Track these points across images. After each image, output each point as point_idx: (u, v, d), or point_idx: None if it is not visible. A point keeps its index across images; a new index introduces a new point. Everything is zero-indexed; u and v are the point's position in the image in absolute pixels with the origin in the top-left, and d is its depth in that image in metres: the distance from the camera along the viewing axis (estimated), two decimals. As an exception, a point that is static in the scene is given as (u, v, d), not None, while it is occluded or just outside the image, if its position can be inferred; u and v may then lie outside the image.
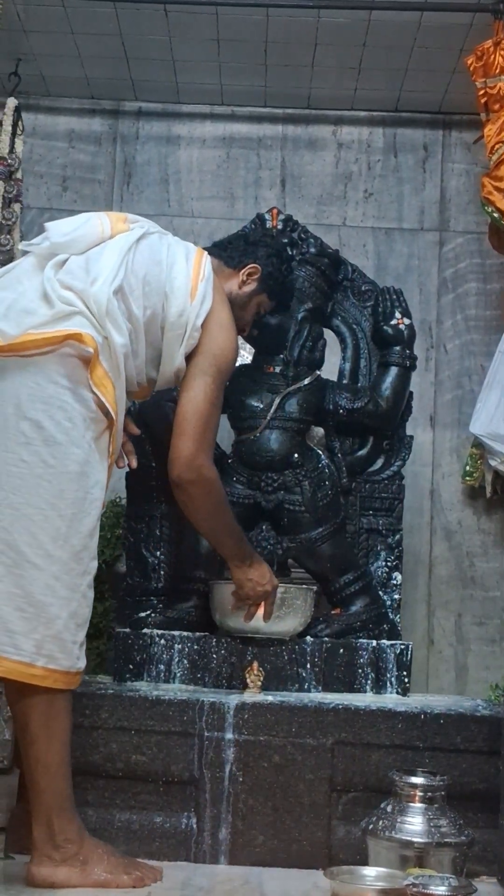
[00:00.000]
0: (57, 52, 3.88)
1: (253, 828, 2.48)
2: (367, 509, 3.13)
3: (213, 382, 2.42)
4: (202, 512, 2.48)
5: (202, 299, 2.41)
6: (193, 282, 2.41)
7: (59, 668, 2.15)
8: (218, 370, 2.44)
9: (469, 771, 2.50)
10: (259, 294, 2.67)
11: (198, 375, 2.42)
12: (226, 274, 2.60)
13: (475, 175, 4.03)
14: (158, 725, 2.52)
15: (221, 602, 2.86)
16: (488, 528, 4.00)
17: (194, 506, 2.46)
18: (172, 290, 2.39)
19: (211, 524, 2.53)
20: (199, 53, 3.85)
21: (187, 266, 2.44)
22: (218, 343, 2.43)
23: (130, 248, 2.38)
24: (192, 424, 2.39)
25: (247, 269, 2.62)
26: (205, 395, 2.41)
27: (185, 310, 2.39)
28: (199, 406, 2.40)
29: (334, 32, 3.68)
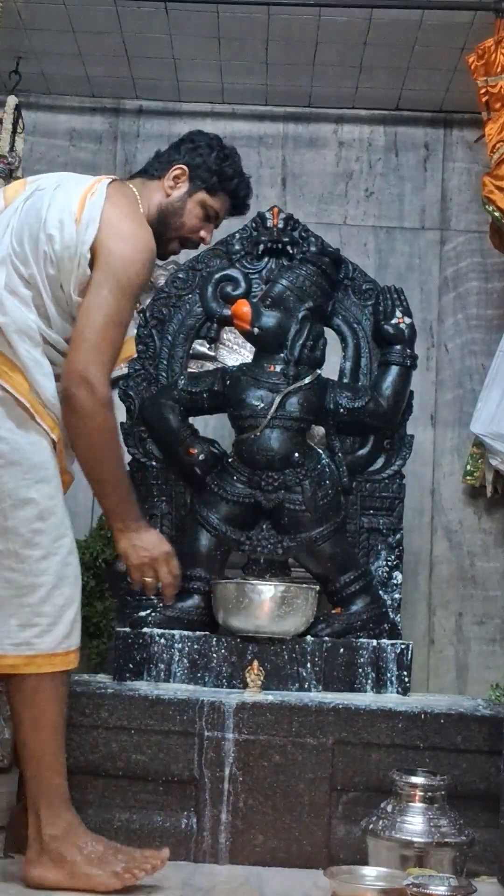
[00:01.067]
0: (58, 50, 3.87)
1: (253, 827, 2.47)
2: (367, 508, 3.13)
3: (109, 294, 2.15)
4: (85, 437, 2.16)
5: (87, 222, 2.18)
6: (79, 208, 2.20)
7: (42, 653, 2.08)
8: (116, 281, 2.16)
9: (469, 771, 2.50)
10: (195, 193, 2.38)
11: (92, 289, 2.16)
12: (151, 188, 2.37)
13: (476, 174, 4.03)
14: (158, 725, 2.52)
15: (223, 601, 2.86)
16: (489, 527, 4.00)
17: (78, 424, 2.15)
18: (54, 228, 2.18)
19: (93, 455, 2.19)
20: (199, 51, 3.84)
21: (70, 197, 2.23)
22: (115, 254, 2.17)
23: (16, 210, 2.23)
24: (84, 337, 2.13)
25: (171, 172, 2.37)
26: (98, 307, 2.14)
27: (71, 239, 2.18)
28: (94, 316, 2.14)
29: (335, 31, 3.67)
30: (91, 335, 2.14)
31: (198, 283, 3.23)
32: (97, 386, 2.13)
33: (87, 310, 2.16)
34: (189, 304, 3.25)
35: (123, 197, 2.28)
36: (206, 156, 2.41)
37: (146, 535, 2.28)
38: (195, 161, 2.40)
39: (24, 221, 2.21)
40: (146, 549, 2.27)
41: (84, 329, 2.15)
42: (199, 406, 3.16)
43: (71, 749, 2.49)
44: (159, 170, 2.40)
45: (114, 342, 2.17)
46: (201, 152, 2.41)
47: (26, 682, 2.11)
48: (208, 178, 2.40)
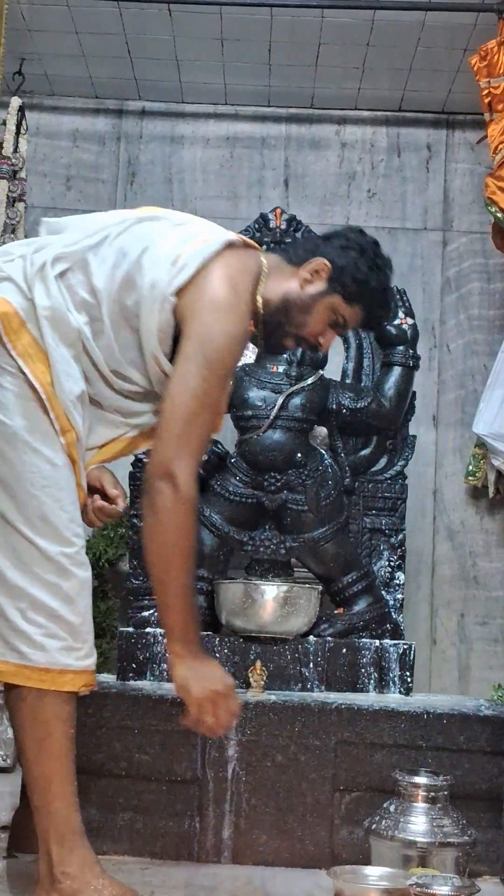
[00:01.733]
0: (61, 51, 3.88)
1: (256, 827, 2.48)
2: (370, 509, 3.13)
3: (198, 372, 1.92)
4: (160, 534, 1.92)
5: (182, 266, 1.95)
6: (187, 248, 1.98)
7: (30, 665, 1.87)
8: (205, 358, 1.93)
9: (472, 771, 2.51)
10: (329, 295, 2.06)
11: (180, 363, 1.94)
12: (285, 272, 2.08)
13: (479, 175, 4.03)
14: (161, 724, 2.52)
15: (226, 601, 2.87)
16: (491, 527, 4.00)
17: (155, 521, 1.92)
18: (150, 260, 1.98)
19: (166, 557, 1.93)
20: (202, 53, 3.85)
21: (184, 238, 2.01)
22: (207, 326, 1.94)
23: (123, 222, 2.05)
24: (169, 426, 1.92)
25: (312, 265, 2.06)
26: (185, 387, 1.92)
27: (161, 278, 1.96)
28: (179, 401, 1.92)
29: (338, 32, 3.68)
30: (177, 424, 1.92)
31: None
32: (182, 483, 1.90)
33: (173, 392, 1.94)
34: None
35: (240, 262, 2.02)
36: (355, 259, 2.09)
37: (210, 667, 1.98)
38: (342, 262, 2.08)
39: (128, 239, 2.02)
40: (210, 682, 1.94)
41: (170, 416, 1.93)
42: (202, 407, 3.16)
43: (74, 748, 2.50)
44: (299, 256, 2.11)
45: (202, 431, 1.95)
46: (352, 254, 2.09)
47: (29, 695, 1.91)
48: (349, 285, 2.07)
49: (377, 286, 2.12)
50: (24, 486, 1.92)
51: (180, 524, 1.92)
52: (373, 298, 2.12)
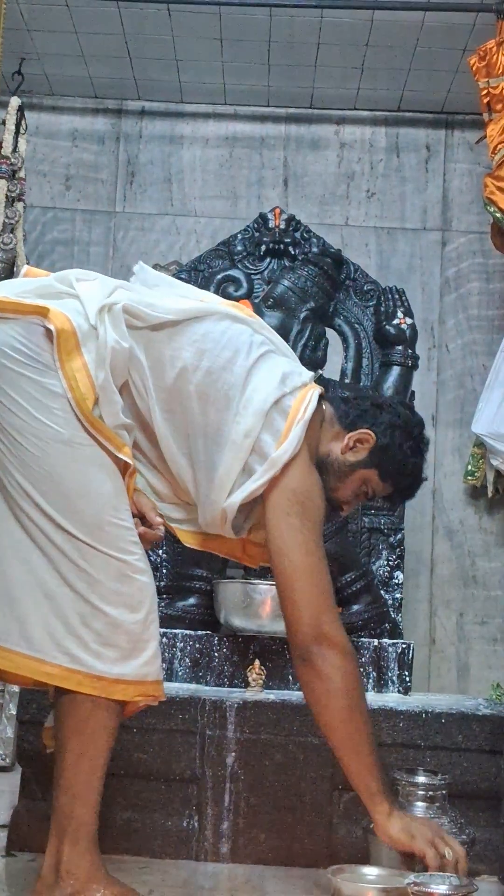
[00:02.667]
0: (60, 51, 3.88)
1: (255, 826, 2.48)
2: (368, 508, 3.13)
3: (301, 525, 1.90)
4: (340, 698, 1.89)
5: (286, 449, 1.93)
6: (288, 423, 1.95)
7: (83, 670, 1.84)
8: (303, 509, 1.90)
9: (470, 770, 2.51)
10: (366, 468, 2.08)
11: (280, 519, 1.91)
12: (333, 432, 2.09)
13: (478, 175, 4.04)
14: (160, 723, 2.52)
15: (225, 600, 2.87)
16: (490, 527, 4.01)
17: (328, 687, 1.89)
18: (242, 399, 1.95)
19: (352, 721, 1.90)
20: (202, 53, 3.85)
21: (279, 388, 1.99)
22: (296, 479, 1.92)
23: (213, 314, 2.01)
24: (297, 585, 1.88)
25: (357, 434, 2.07)
26: (295, 543, 1.89)
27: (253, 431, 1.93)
28: (296, 560, 1.89)
29: (337, 32, 3.68)
30: (303, 581, 1.89)
31: (200, 284, 3.23)
32: (339, 641, 1.90)
33: (284, 551, 1.91)
34: (191, 304, 3.25)
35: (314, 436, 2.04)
36: (400, 440, 2.10)
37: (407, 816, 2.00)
38: (387, 440, 2.09)
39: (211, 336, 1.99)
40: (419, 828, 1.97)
41: (290, 574, 1.90)
42: (201, 406, 3.16)
43: (73, 748, 2.50)
44: (349, 419, 2.10)
45: (327, 581, 1.92)
46: (397, 434, 2.10)
47: (84, 701, 1.87)
48: (386, 465, 2.09)
49: (413, 470, 2.13)
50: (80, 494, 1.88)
51: (352, 682, 1.91)
52: (405, 481, 2.14)
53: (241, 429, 1.94)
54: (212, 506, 1.97)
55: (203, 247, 3.85)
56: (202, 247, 3.88)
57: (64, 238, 4.17)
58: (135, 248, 4.16)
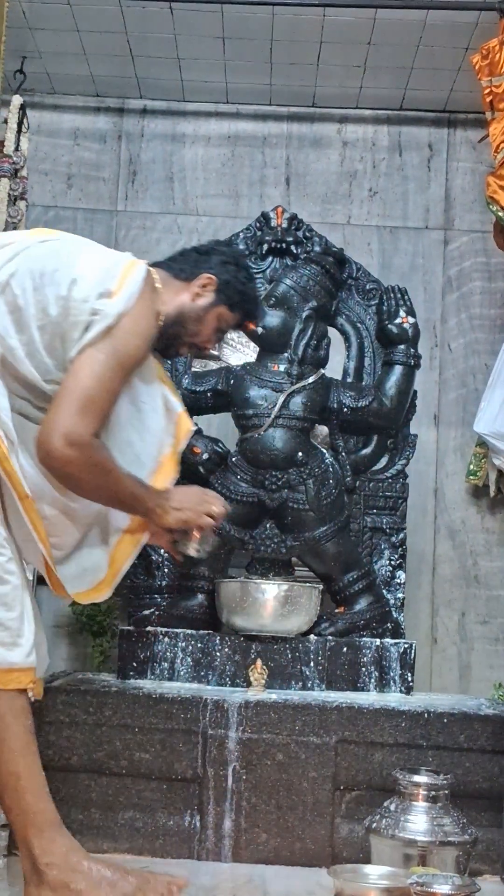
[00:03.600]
0: (62, 49, 3.88)
1: (256, 826, 2.48)
2: (371, 508, 3.13)
3: (104, 360, 2.06)
4: (89, 492, 2.09)
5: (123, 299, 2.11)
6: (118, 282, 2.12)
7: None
8: (114, 349, 2.08)
9: (472, 770, 2.51)
10: (217, 306, 2.33)
11: (86, 349, 2.06)
12: (175, 287, 2.29)
13: (480, 174, 4.03)
14: (162, 723, 2.52)
15: (227, 600, 2.87)
16: (492, 526, 4.00)
17: (77, 486, 2.07)
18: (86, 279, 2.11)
19: (103, 500, 2.13)
20: (204, 51, 3.85)
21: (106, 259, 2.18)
22: (120, 330, 2.09)
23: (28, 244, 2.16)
24: (66, 398, 2.03)
25: (200, 280, 2.30)
26: (89, 368, 2.04)
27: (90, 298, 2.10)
28: (81, 379, 2.04)
29: (340, 31, 3.68)
30: (76, 395, 2.04)
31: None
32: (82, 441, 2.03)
33: (75, 369, 2.06)
34: (193, 303, 3.25)
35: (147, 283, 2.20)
36: (234, 273, 2.35)
37: (175, 497, 2.21)
38: (224, 276, 2.33)
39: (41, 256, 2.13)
40: (185, 504, 2.21)
41: (68, 390, 2.05)
42: (203, 405, 3.16)
43: (75, 747, 2.50)
44: (186, 273, 2.31)
45: (99, 409, 2.07)
46: (230, 269, 2.35)
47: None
48: (233, 297, 2.34)
49: (253, 295, 2.43)
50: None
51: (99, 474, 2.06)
52: (250, 305, 2.42)
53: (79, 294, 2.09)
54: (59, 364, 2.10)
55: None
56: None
57: (66, 237, 4.16)
58: (136, 247, 4.15)
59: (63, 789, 2.51)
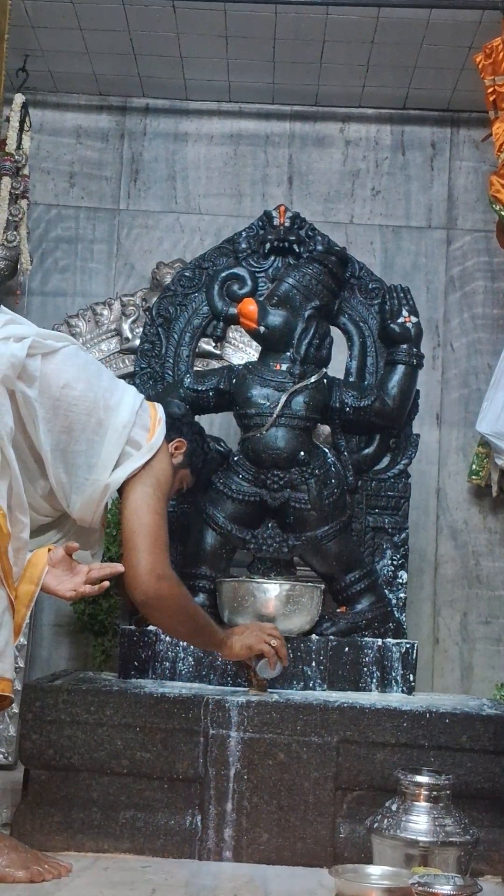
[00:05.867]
0: (65, 48, 3.88)
1: (258, 825, 2.47)
2: (373, 507, 3.12)
3: (153, 493, 2.37)
4: (177, 623, 2.44)
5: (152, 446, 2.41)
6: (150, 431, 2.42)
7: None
8: (157, 482, 2.39)
9: (474, 770, 2.50)
10: (183, 468, 2.62)
11: (137, 487, 2.36)
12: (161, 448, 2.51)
13: (483, 173, 4.03)
14: (163, 723, 2.52)
15: (228, 600, 2.86)
16: (494, 526, 4.00)
17: (169, 621, 2.43)
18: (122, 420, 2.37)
19: (180, 630, 2.51)
20: (207, 50, 3.85)
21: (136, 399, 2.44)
22: (156, 465, 2.40)
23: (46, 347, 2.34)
24: (141, 538, 2.32)
25: (174, 443, 2.56)
26: (147, 506, 2.35)
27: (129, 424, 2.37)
28: (144, 518, 2.34)
29: (343, 29, 3.67)
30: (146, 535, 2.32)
31: (204, 282, 3.23)
32: (170, 582, 2.35)
33: (135, 509, 2.34)
34: (195, 302, 3.24)
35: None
36: (200, 442, 2.70)
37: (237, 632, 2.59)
38: (193, 445, 2.65)
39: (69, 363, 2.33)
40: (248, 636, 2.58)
41: (138, 528, 2.33)
42: (205, 404, 3.16)
43: (76, 746, 2.50)
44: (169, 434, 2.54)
45: (166, 539, 2.37)
46: (198, 439, 2.69)
47: None
48: (196, 463, 2.67)
49: (211, 465, 2.84)
50: None
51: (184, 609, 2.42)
52: (206, 472, 2.81)
53: (119, 421, 2.36)
54: (92, 486, 2.35)
55: (207, 245, 3.84)
56: (206, 245, 3.87)
57: (67, 235, 4.16)
58: (139, 246, 4.15)
59: (64, 788, 2.50)
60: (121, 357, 3.94)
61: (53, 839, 2.45)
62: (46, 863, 2.20)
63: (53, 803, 2.50)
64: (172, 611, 2.38)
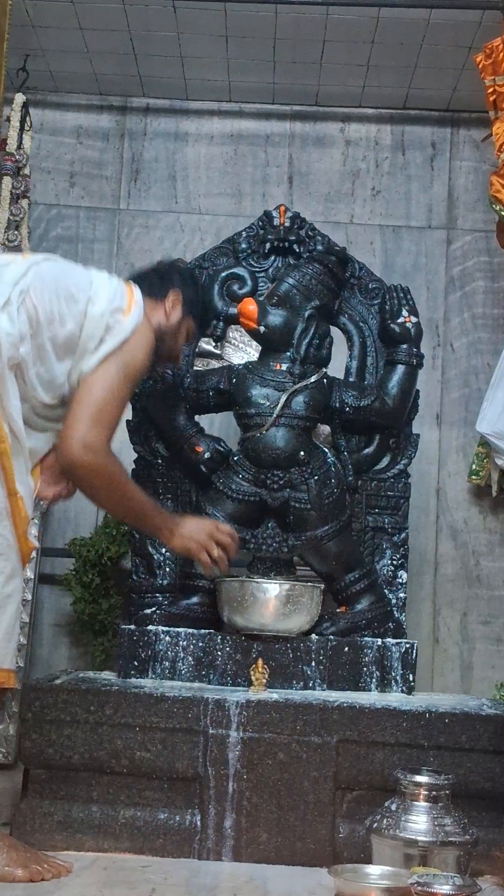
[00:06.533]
0: (65, 47, 3.88)
1: (257, 825, 2.48)
2: (373, 507, 3.12)
3: (115, 374, 2.31)
4: (103, 499, 2.38)
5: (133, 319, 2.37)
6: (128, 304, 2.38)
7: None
8: (125, 365, 2.33)
9: (474, 770, 2.50)
10: (185, 318, 2.59)
11: (101, 367, 2.30)
12: (152, 306, 2.51)
13: (483, 173, 4.03)
14: (163, 722, 2.52)
15: (228, 599, 2.86)
16: (494, 526, 4.00)
17: (97, 495, 2.35)
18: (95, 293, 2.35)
19: (116, 510, 2.48)
20: (207, 50, 3.84)
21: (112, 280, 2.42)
22: (130, 346, 2.35)
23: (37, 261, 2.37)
24: (83, 407, 2.26)
25: (170, 299, 2.54)
26: (103, 382, 2.29)
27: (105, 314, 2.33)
28: (95, 392, 2.28)
29: (343, 29, 3.67)
30: (92, 407, 2.26)
31: (204, 282, 3.23)
32: (98, 447, 2.25)
33: (91, 381, 2.29)
34: (196, 301, 3.24)
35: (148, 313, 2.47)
36: (193, 287, 2.65)
37: (186, 526, 2.49)
38: (187, 292, 2.59)
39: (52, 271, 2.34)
40: (194, 535, 2.47)
41: (86, 398, 2.27)
42: (205, 404, 3.16)
43: (76, 746, 2.50)
44: (157, 291, 2.54)
45: (113, 417, 2.30)
46: (189, 283, 2.64)
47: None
48: (195, 308, 2.63)
49: (206, 304, 2.81)
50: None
51: (113, 487, 2.31)
52: (206, 315, 2.82)
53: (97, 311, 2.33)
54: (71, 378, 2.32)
55: (207, 244, 3.84)
56: (206, 244, 3.87)
57: (68, 235, 4.16)
58: (139, 246, 4.15)
59: (64, 788, 2.51)
60: (121, 357, 3.93)
61: (53, 838, 2.46)
62: (46, 862, 2.21)
63: (53, 803, 2.50)
64: (98, 486, 2.29)
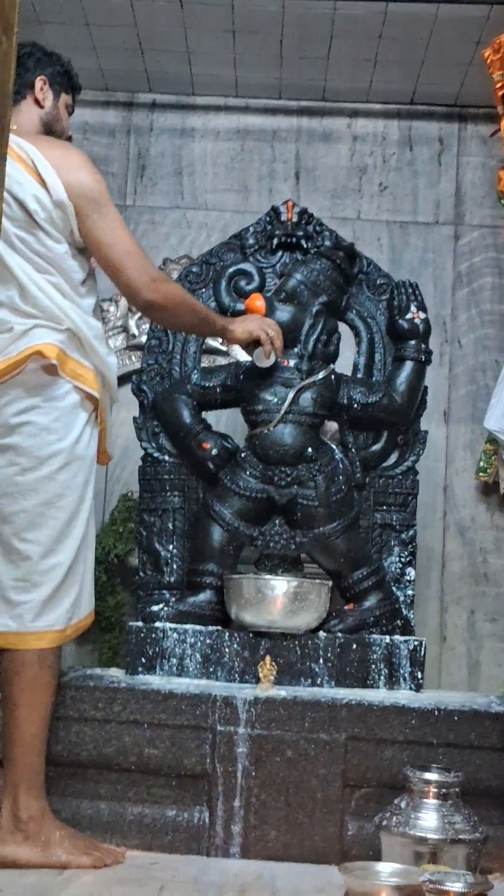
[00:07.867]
0: (71, 43, 3.86)
1: (265, 822, 2.47)
2: (380, 504, 3.11)
3: (109, 211, 2.43)
4: (183, 317, 2.57)
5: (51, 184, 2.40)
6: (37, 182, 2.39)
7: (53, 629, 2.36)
8: (102, 196, 2.43)
9: (483, 767, 2.50)
10: (59, 97, 2.63)
11: (92, 215, 2.40)
12: (23, 109, 2.55)
13: (491, 169, 4.01)
14: (171, 719, 2.51)
15: (236, 596, 2.86)
16: (502, 524, 3.99)
17: (175, 318, 2.58)
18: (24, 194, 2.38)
19: (192, 324, 2.66)
20: (213, 45, 3.83)
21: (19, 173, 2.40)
22: (80, 180, 2.41)
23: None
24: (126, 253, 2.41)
25: (36, 87, 2.58)
26: (114, 226, 2.42)
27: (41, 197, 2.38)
28: (120, 236, 2.42)
29: (350, 24, 3.66)
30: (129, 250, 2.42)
31: (211, 278, 3.22)
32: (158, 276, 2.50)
33: (108, 231, 2.40)
34: (202, 298, 3.23)
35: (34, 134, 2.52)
36: (54, 63, 2.64)
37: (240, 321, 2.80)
38: (48, 71, 2.61)
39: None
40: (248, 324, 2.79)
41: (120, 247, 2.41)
42: (212, 401, 3.15)
43: (84, 743, 2.50)
44: (20, 92, 2.53)
45: (135, 243, 2.48)
46: (47, 61, 2.63)
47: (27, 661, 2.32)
48: (65, 82, 2.65)
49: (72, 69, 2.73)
50: None
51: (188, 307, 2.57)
52: (76, 79, 2.74)
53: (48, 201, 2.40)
54: None
55: (214, 240, 3.83)
56: (213, 240, 3.86)
57: (74, 231, 4.15)
58: (145, 242, 4.14)
59: (72, 785, 2.50)
60: (127, 353, 3.93)
61: (61, 836, 2.45)
62: (102, 849, 2.32)
63: (61, 800, 2.50)
64: (176, 305, 2.50)
